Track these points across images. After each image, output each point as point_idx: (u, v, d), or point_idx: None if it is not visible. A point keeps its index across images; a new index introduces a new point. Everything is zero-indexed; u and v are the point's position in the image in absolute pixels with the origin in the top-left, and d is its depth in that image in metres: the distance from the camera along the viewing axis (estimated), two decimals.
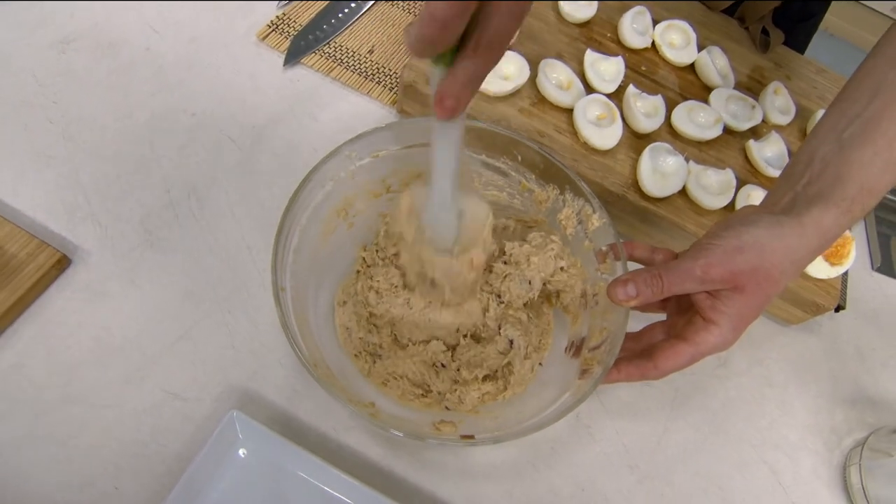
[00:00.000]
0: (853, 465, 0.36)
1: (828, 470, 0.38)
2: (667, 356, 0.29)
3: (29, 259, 0.35)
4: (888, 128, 0.29)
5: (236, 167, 0.43)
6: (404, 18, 0.54)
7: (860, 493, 0.35)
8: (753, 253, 0.28)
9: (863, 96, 0.30)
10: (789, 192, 0.30)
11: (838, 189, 0.29)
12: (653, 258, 0.33)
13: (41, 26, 0.46)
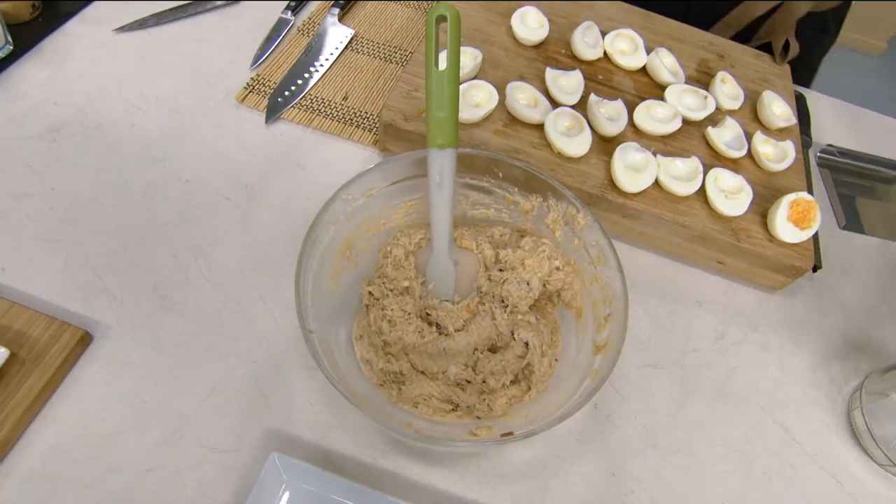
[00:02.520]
0: (855, 409, 0.40)
1: (833, 418, 0.42)
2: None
3: (52, 341, 0.38)
4: None
5: (236, 224, 0.46)
6: (370, 64, 0.59)
7: (866, 434, 0.39)
8: None
9: None
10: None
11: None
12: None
13: (29, 119, 0.49)
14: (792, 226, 0.44)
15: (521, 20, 0.55)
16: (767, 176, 0.50)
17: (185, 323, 0.40)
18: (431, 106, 0.36)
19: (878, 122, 0.67)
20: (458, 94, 0.36)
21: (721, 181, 0.47)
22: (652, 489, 0.38)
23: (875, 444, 0.38)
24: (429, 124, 0.36)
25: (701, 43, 0.61)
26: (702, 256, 0.48)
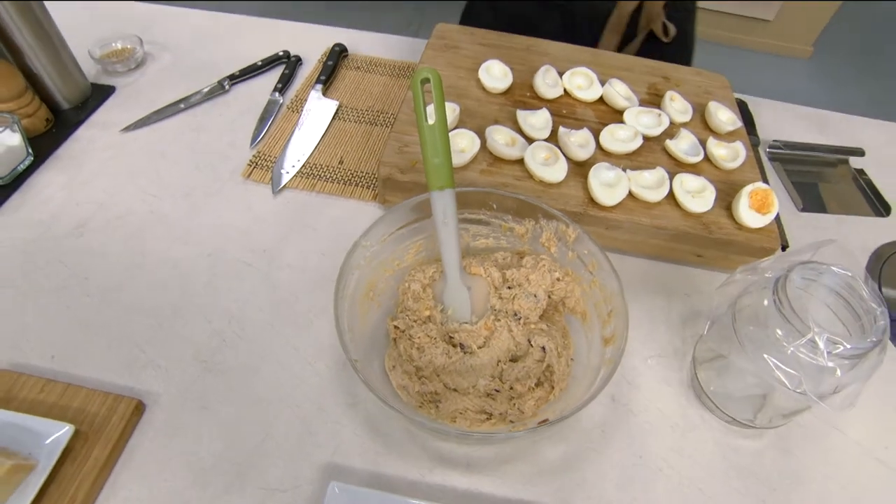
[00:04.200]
0: (696, 374, 0.46)
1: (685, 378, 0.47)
2: None
3: (110, 413, 0.42)
4: None
5: (261, 286, 0.51)
6: (358, 129, 0.66)
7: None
8: None
9: None
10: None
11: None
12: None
13: (55, 219, 0.55)
14: (754, 213, 0.51)
15: (487, 73, 0.64)
16: (725, 174, 0.57)
17: (229, 380, 0.45)
18: (427, 155, 0.43)
19: (814, 115, 0.77)
20: (448, 142, 0.43)
21: (686, 184, 0.54)
22: (678, 465, 0.42)
23: (719, 397, 0.44)
24: (427, 171, 0.43)
25: (646, 69, 0.70)
26: (682, 253, 0.54)
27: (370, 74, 0.75)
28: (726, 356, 0.44)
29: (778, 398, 0.41)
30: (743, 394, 0.43)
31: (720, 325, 0.43)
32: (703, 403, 0.45)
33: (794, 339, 0.34)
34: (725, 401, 0.43)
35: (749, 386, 0.42)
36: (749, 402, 0.43)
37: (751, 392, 0.43)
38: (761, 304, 0.37)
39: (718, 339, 0.43)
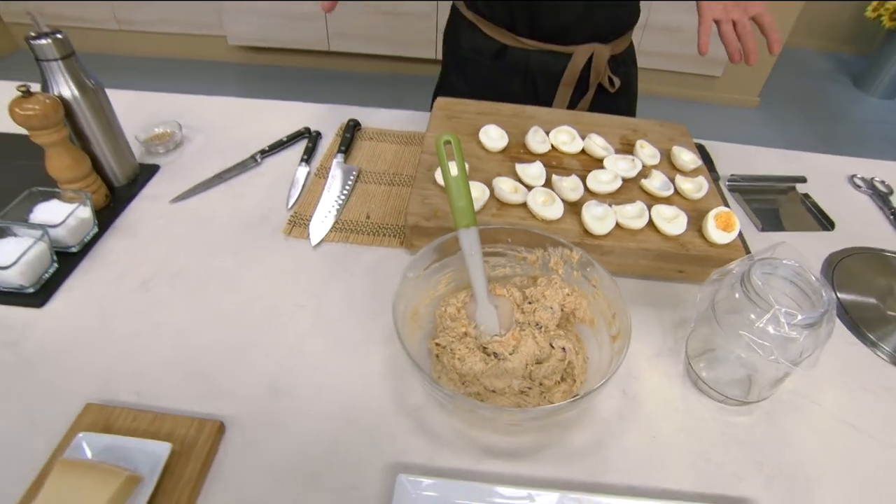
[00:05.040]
0: (690, 365, 0.55)
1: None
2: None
3: (197, 434, 0.48)
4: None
5: (314, 322, 0.59)
6: (378, 189, 0.77)
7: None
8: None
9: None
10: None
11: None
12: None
13: (123, 278, 0.63)
14: (721, 231, 0.62)
15: (486, 135, 0.76)
16: (693, 203, 0.69)
17: (295, 400, 0.52)
18: (453, 200, 0.53)
19: (762, 152, 0.91)
20: (469, 189, 0.54)
21: (662, 213, 0.65)
22: (685, 440, 0.50)
23: (710, 380, 0.53)
24: (454, 213, 0.53)
25: (617, 125, 0.84)
26: (666, 270, 0.65)
27: (382, 143, 0.87)
28: (714, 349, 0.53)
29: (760, 375, 0.50)
30: (731, 377, 0.52)
31: (704, 321, 0.53)
32: (700, 389, 0.54)
33: (762, 316, 0.43)
34: (718, 384, 0.52)
35: (736, 370, 0.52)
36: (737, 383, 0.52)
37: (737, 375, 0.52)
38: (734, 297, 0.47)
39: (705, 332, 0.53)
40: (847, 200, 0.82)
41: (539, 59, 0.91)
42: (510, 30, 0.90)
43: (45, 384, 0.52)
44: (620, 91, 0.95)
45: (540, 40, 0.89)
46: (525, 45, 0.90)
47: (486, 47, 0.93)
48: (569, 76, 0.92)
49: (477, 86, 0.96)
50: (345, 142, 0.84)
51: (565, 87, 0.93)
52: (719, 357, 0.53)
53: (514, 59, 0.92)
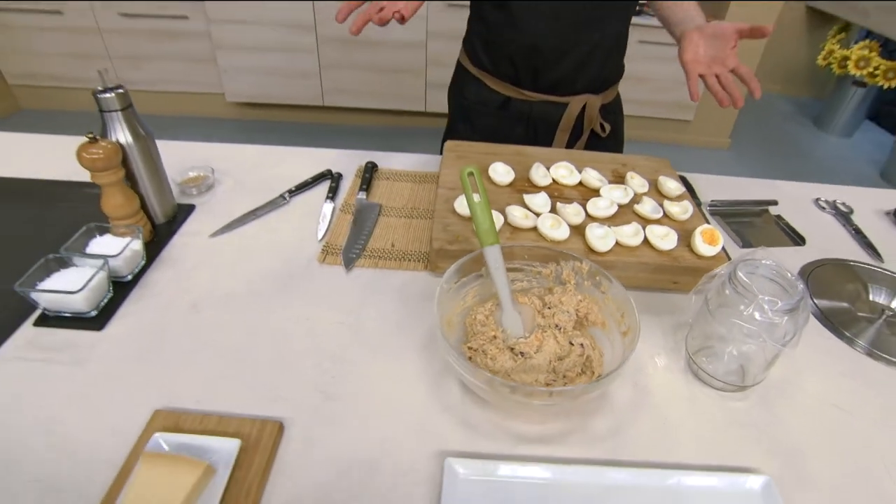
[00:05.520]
0: (691, 359, 0.63)
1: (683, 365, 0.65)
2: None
3: (260, 433, 0.54)
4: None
5: (355, 335, 0.66)
6: (399, 222, 0.86)
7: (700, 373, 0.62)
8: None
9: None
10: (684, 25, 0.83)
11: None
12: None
13: (173, 302, 0.69)
14: (707, 245, 0.71)
15: (494, 171, 0.86)
16: (680, 223, 0.79)
17: (345, 402, 0.58)
18: (478, 222, 0.62)
19: (738, 181, 1.02)
20: (491, 213, 0.63)
21: (655, 232, 0.74)
22: (692, 423, 0.57)
23: (709, 370, 0.61)
24: (479, 234, 0.62)
25: (608, 160, 0.95)
26: (662, 282, 0.73)
27: (398, 182, 0.96)
28: (711, 346, 0.61)
29: (752, 363, 0.58)
30: (727, 368, 0.60)
31: (700, 321, 0.61)
32: (701, 379, 0.61)
33: (749, 305, 0.52)
34: (716, 374, 0.60)
35: (731, 361, 0.59)
36: (733, 373, 0.59)
37: (732, 366, 0.60)
38: (724, 293, 0.56)
39: (701, 331, 0.61)
40: (814, 220, 0.93)
41: (540, 108, 1.03)
42: (514, 84, 1.02)
43: (114, 396, 0.58)
44: (610, 136, 1.08)
45: (540, 92, 1.01)
46: (527, 97, 1.02)
47: (491, 99, 1.05)
48: (565, 123, 1.03)
49: (483, 133, 1.07)
50: (365, 181, 0.93)
51: (562, 133, 1.05)
52: (716, 352, 0.61)
53: (517, 109, 1.04)
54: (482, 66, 1.04)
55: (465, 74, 1.09)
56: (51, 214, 0.85)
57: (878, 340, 0.69)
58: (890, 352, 0.67)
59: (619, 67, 1.06)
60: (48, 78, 2.94)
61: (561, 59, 0.96)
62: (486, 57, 1.03)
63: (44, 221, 0.83)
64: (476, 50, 1.05)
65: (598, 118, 1.04)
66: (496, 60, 1.02)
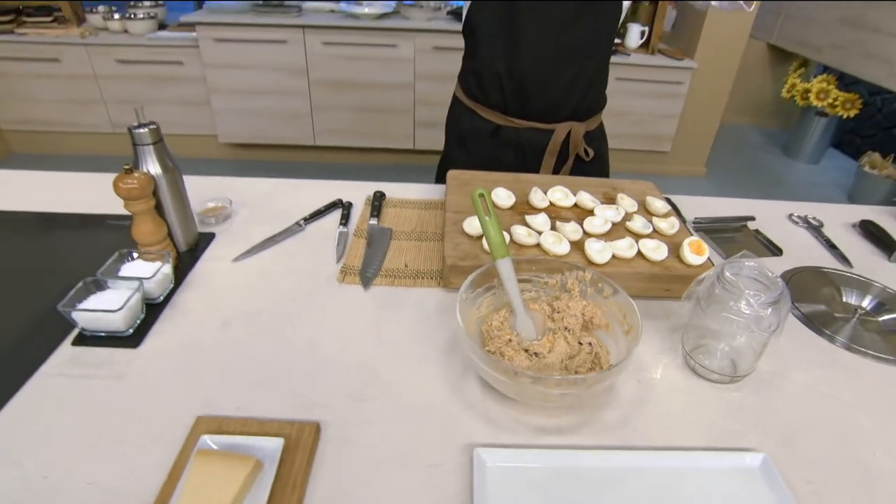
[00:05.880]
0: (688, 356, 0.70)
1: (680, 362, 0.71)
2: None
3: (300, 434, 0.58)
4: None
5: (379, 346, 0.71)
6: (409, 244, 0.92)
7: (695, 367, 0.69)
8: None
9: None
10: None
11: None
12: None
13: (205, 320, 0.74)
14: (695, 255, 0.79)
15: (496, 196, 0.94)
16: (669, 237, 0.86)
17: (375, 405, 0.63)
18: (490, 237, 0.69)
19: (717, 201, 1.11)
20: (501, 229, 0.69)
21: (646, 245, 0.82)
22: (692, 413, 0.63)
23: (704, 364, 0.67)
24: (492, 248, 0.68)
25: (598, 184, 1.03)
26: (656, 290, 0.80)
27: (405, 209, 1.03)
28: (705, 344, 0.68)
29: (743, 356, 0.64)
30: (721, 362, 0.66)
31: (694, 321, 0.67)
32: (698, 374, 0.67)
33: (738, 300, 0.59)
34: (711, 368, 0.66)
35: (723, 356, 0.66)
36: (727, 366, 0.66)
37: (725, 360, 0.66)
38: (714, 292, 0.63)
39: (695, 330, 0.68)
40: (789, 233, 1.02)
41: (527, 135, 1.13)
42: (504, 112, 1.12)
43: (156, 405, 0.62)
44: (594, 160, 1.17)
45: (528, 120, 1.11)
46: (516, 125, 1.12)
47: (483, 127, 1.15)
48: (552, 147, 1.13)
49: (476, 158, 1.16)
50: (375, 208, 1.00)
51: (549, 157, 1.14)
52: (710, 348, 0.67)
53: (507, 135, 1.14)
54: (475, 98, 1.15)
55: (460, 106, 1.19)
56: (77, 244, 0.89)
57: (854, 336, 0.76)
58: (865, 345, 0.74)
59: (601, 98, 1.17)
60: (42, 123, 3.00)
61: (545, 90, 1.07)
62: (477, 89, 1.13)
63: (71, 251, 0.88)
64: (469, 84, 1.15)
65: (583, 143, 1.14)
66: (487, 92, 1.12)
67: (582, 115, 1.13)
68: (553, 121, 1.12)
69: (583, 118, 1.13)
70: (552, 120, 1.11)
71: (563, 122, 1.12)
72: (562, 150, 1.15)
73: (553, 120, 1.11)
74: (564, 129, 1.12)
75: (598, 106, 1.16)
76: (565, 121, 1.12)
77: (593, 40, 1.05)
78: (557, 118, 1.11)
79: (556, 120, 1.11)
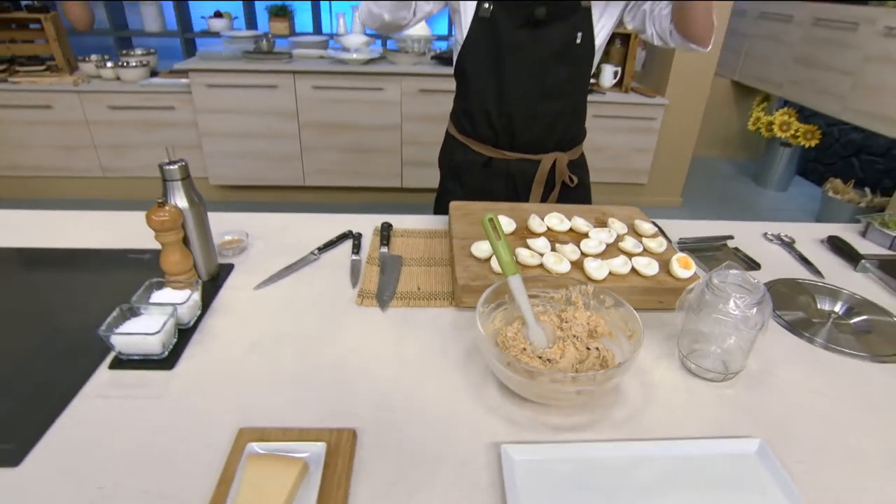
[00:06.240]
0: (685, 358, 0.78)
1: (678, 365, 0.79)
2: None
3: (339, 439, 0.63)
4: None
5: (400, 361, 0.76)
6: (419, 269, 0.99)
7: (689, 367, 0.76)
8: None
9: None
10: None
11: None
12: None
13: (233, 343, 0.79)
14: (683, 269, 0.87)
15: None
16: (658, 255, 0.95)
17: (403, 413, 0.68)
18: (501, 257, 0.76)
19: (698, 224, 1.21)
20: (510, 249, 0.77)
21: (639, 262, 0.90)
22: (692, 407, 0.70)
23: (699, 365, 0.75)
24: (503, 266, 0.76)
25: (590, 210, 1.12)
26: (650, 302, 0.88)
27: (412, 238, 1.10)
28: (698, 348, 0.75)
29: (732, 356, 0.72)
30: (714, 362, 0.73)
31: (687, 325, 0.75)
32: (694, 374, 0.75)
33: (726, 302, 0.67)
34: (707, 367, 0.73)
35: (716, 357, 0.73)
36: (719, 366, 0.73)
37: (718, 361, 0.73)
38: (704, 298, 0.71)
39: (689, 335, 0.75)
40: (765, 250, 1.12)
41: (517, 166, 1.23)
42: (495, 146, 1.22)
43: (197, 420, 0.66)
44: (578, 187, 1.28)
45: (517, 152, 1.21)
46: (506, 156, 1.22)
47: (475, 160, 1.25)
48: (539, 176, 1.23)
49: (470, 188, 1.26)
50: (384, 238, 1.07)
51: (538, 185, 1.24)
52: (703, 351, 0.75)
53: (498, 166, 1.24)
54: (467, 133, 1.26)
55: (452, 141, 1.30)
56: (102, 277, 0.94)
57: (831, 337, 0.84)
58: (841, 345, 0.82)
59: (581, 130, 1.29)
60: (32, 169, 3.03)
61: (531, 125, 1.19)
62: (469, 125, 1.24)
63: (98, 283, 0.93)
64: (461, 121, 1.26)
65: (567, 172, 1.25)
66: (478, 128, 1.23)
67: (565, 146, 1.25)
68: (540, 152, 1.23)
69: (566, 149, 1.25)
70: (539, 151, 1.22)
71: (548, 152, 1.22)
72: (548, 178, 1.25)
73: (540, 151, 1.22)
74: (550, 159, 1.23)
75: (579, 137, 1.28)
76: (550, 151, 1.22)
77: (571, 80, 1.18)
78: (543, 149, 1.23)
79: (542, 151, 1.23)
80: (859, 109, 2.85)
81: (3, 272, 0.96)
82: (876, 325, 0.88)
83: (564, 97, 1.19)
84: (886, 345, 0.83)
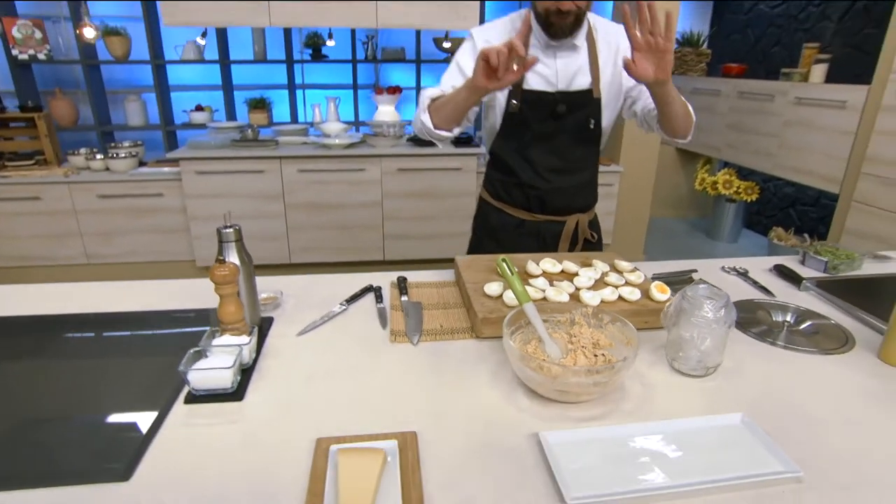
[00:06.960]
0: (672, 361, 0.96)
1: (667, 368, 0.97)
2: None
3: (405, 439, 0.75)
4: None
5: (437, 384, 0.91)
6: (438, 311, 1.15)
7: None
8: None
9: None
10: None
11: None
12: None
13: (289, 378, 0.92)
14: (661, 294, 1.07)
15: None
16: (639, 285, 1.14)
17: (451, 419, 0.81)
18: (515, 288, 0.94)
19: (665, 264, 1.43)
20: (522, 283, 0.95)
21: (624, 290, 1.09)
22: (685, 399, 0.86)
23: (685, 365, 0.94)
24: (518, 296, 0.93)
25: (575, 256, 1.32)
26: (637, 322, 1.05)
27: (425, 289, 1.27)
28: (681, 353, 0.93)
29: (709, 355, 0.90)
30: (696, 363, 0.91)
31: (670, 335, 0.93)
32: (682, 373, 0.92)
33: (701, 308, 0.86)
34: (690, 367, 0.91)
35: (697, 359, 0.91)
36: (700, 366, 0.91)
37: (698, 364, 0.91)
38: (683, 308, 0.89)
39: (673, 344, 0.93)
40: (723, 279, 1.33)
41: (546, 226, 1.48)
42: (527, 210, 1.46)
43: (277, 435, 0.78)
44: (597, 242, 1.51)
45: (545, 214, 1.46)
46: (536, 219, 1.47)
47: (510, 222, 1.50)
48: (565, 234, 1.46)
49: (505, 245, 1.49)
50: (403, 289, 1.23)
51: (564, 242, 1.47)
52: (685, 355, 0.93)
53: (530, 227, 1.49)
54: (502, 199, 1.50)
55: (487, 206, 1.55)
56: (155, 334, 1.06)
57: (788, 340, 1.04)
58: (797, 344, 1.02)
59: (595, 196, 1.54)
60: (17, 259, 3.07)
61: (557, 193, 1.44)
62: (505, 194, 1.50)
63: (150, 340, 1.04)
64: (496, 188, 1.51)
65: (588, 230, 1.49)
66: (513, 196, 1.48)
67: (584, 209, 1.50)
68: (565, 214, 1.48)
69: (584, 211, 1.50)
70: (564, 213, 1.48)
71: (572, 214, 1.48)
72: (573, 236, 1.50)
73: (565, 213, 1.48)
74: (573, 220, 1.47)
75: (594, 201, 1.55)
76: (573, 213, 1.48)
77: (587, 157, 1.46)
78: (568, 212, 1.48)
79: (566, 213, 1.48)
80: (787, 166, 3.27)
81: (52, 335, 1.06)
82: (821, 328, 1.09)
83: (582, 171, 1.46)
84: (830, 342, 1.03)
